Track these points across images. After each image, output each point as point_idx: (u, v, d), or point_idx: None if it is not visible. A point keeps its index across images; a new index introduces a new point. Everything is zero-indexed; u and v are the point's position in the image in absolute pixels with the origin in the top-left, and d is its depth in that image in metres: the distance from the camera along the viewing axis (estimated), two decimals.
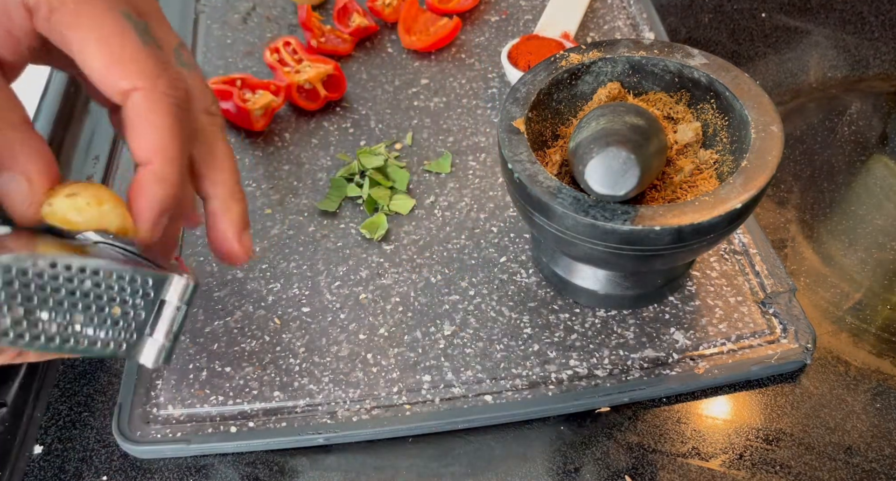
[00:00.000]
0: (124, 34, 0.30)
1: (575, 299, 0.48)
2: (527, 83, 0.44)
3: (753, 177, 0.38)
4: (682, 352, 0.45)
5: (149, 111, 0.30)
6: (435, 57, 0.65)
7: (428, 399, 0.44)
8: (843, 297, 0.48)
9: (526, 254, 0.50)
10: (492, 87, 0.62)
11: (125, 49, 0.30)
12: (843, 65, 0.64)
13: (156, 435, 0.43)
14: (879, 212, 0.53)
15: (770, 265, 0.49)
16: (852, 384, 0.44)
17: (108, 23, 0.30)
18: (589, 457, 0.42)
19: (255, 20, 0.70)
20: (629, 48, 0.46)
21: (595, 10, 0.69)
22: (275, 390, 0.44)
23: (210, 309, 0.49)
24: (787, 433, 0.42)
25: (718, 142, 0.44)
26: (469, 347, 0.46)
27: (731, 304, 0.47)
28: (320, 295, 0.49)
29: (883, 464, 0.41)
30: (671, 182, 0.43)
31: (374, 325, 0.47)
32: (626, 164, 0.36)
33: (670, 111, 0.46)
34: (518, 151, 0.41)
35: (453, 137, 0.59)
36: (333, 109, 0.62)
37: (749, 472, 0.41)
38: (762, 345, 0.45)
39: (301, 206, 0.54)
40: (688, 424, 0.43)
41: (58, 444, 0.44)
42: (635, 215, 0.37)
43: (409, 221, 0.53)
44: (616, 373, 0.44)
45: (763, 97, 0.42)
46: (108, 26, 0.30)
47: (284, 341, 0.47)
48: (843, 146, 0.58)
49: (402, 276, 0.50)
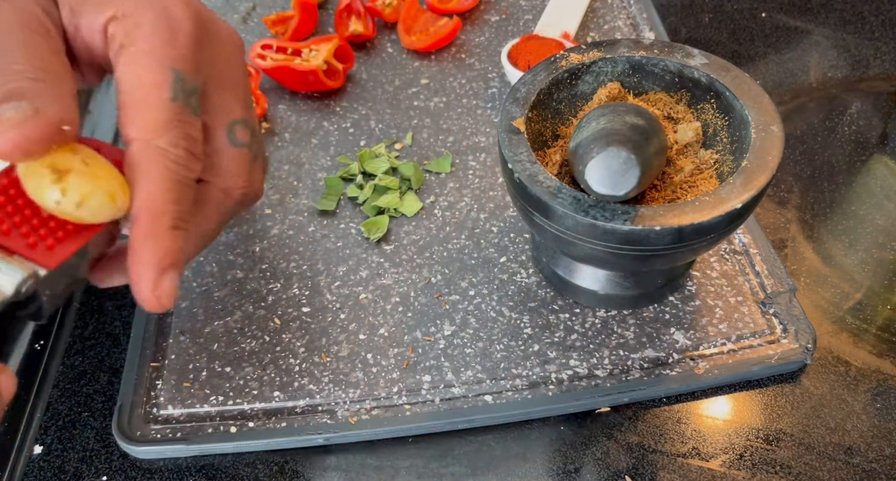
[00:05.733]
0: (158, 86, 0.30)
1: (575, 299, 0.48)
2: (527, 83, 0.44)
3: (753, 177, 0.38)
4: (682, 352, 0.45)
5: (141, 163, 0.30)
6: (435, 57, 0.65)
7: (428, 399, 0.44)
8: (844, 297, 0.48)
9: (526, 254, 0.50)
10: (492, 87, 0.62)
11: (147, 99, 0.30)
12: (843, 65, 0.64)
13: (156, 435, 0.43)
14: (880, 211, 0.53)
15: (770, 265, 0.49)
16: (852, 384, 0.44)
17: (150, 72, 0.31)
18: (589, 457, 0.42)
19: (255, 20, 0.70)
20: (629, 48, 0.46)
21: (595, 10, 0.69)
22: (275, 390, 0.44)
23: (210, 309, 0.49)
24: (787, 433, 0.42)
25: (718, 142, 0.44)
26: (469, 347, 0.46)
27: (731, 304, 0.47)
28: (320, 295, 0.49)
29: (883, 465, 0.41)
30: (671, 182, 0.43)
31: (374, 325, 0.47)
32: (627, 164, 0.36)
33: (670, 111, 0.46)
34: (518, 151, 0.41)
35: (453, 137, 0.59)
36: (333, 109, 0.62)
37: (749, 472, 0.41)
38: (762, 345, 0.45)
39: (301, 206, 0.54)
40: (688, 424, 0.43)
41: (58, 444, 0.44)
42: (635, 215, 0.37)
43: (410, 221, 0.53)
44: (616, 373, 0.44)
45: (763, 97, 0.42)
46: (149, 75, 0.31)
47: (284, 341, 0.47)
48: (844, 146, 0.57)
49: (402, 276, 0.50)
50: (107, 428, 0.44)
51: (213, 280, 0.50)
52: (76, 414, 0.45)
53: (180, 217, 0.31)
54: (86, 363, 0.48)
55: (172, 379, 0.45)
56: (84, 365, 0.48)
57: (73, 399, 0.46)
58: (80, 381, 0.47)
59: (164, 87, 0.30)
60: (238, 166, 0.35)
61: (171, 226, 0.30)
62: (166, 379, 0.45)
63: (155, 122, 0.30)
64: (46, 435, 0.44)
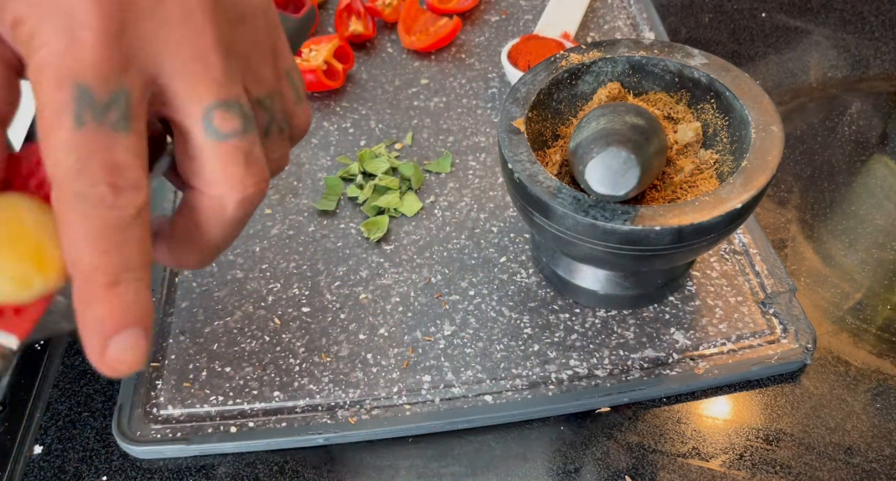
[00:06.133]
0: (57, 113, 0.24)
1: (575, 299, 0.48)
2: (527, 83, 0.44)
3: (754, 177, 0.38)
4: (682, 352, 0.45)
5: (59, 212, 0.24)
6: (435, 57, 0.65)
7: (428, 399, 0.44)
8: (844, 297, 0.48)
9: (526, 254, 0.50)
10: (492, 87, 0.62)
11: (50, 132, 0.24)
12: (843, 65, 0.64)
13: (156, 435, 0.43)
14: (880, 211, 0.53)
15: (770, 265, 0.49)
16: (852, 384, 0.44)
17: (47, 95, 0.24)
18: (589, 457, 0.42)
19: None
20: (629, 48, 0.46)
21: (595, 10, 0.69)
22: (275, 390, 0.44)
23: (210, 309, 0.49)
24: (787, 433, 0.42)
25: (718, 142, 0.44)
26: (469, 347, 0.46)
27: (731, 304, 0.47)
28: (320, 295, 0.49)
29: (883, 464, 0.41)
30: (671, 182, 0.43)
31: (374, 325, 0.47)
32: (627, 164, 0.36)
33: (670, 111, 0.46)
34: (518, 151, 0.41)
35: (453, 137, 0.59)
36: (333, 109, 0.62)
37: (749, 472, 0.41)
38: (762, 345, 0.45)
39: (301, 206, 0.54)
40: (688, 424, 0.43)
41: (57, 444, 0.44)
42: (635, 215, 0.37)
43: (410, 221, 0.53)
44: (616, 373, 0.44)
45: (763, 97, 0.42)
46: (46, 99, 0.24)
47: (284, 341, 0.47)
48: (844, 146, 0.57)
49: (402, 276, 0.50)
50: (107, 428, 0.44)
51: (213, 280, 0.50)
52: (76, 414, 0.45)
53: (122, 268, 0.25)
54: (85, 363, 0.48)
55: (172, 379, 0.45)
56: (84, 365, 0.48)
57: (73, 399, 0.46)
58: (79, 381, 0.47)
59: (65, 113, 0.24)
60: (224, 165, 0.27)
61: (106, 283, 0.24)
62: (166, 379, 0.45)
63: (62, 161, 0.24)
64: (46, 435, 0.44)
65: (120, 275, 0.25)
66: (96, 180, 0.24)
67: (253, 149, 0.27)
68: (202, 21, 0.26)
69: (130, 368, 0.25)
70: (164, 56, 0.26)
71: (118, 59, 0.25)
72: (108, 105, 0.25)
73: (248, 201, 0.28)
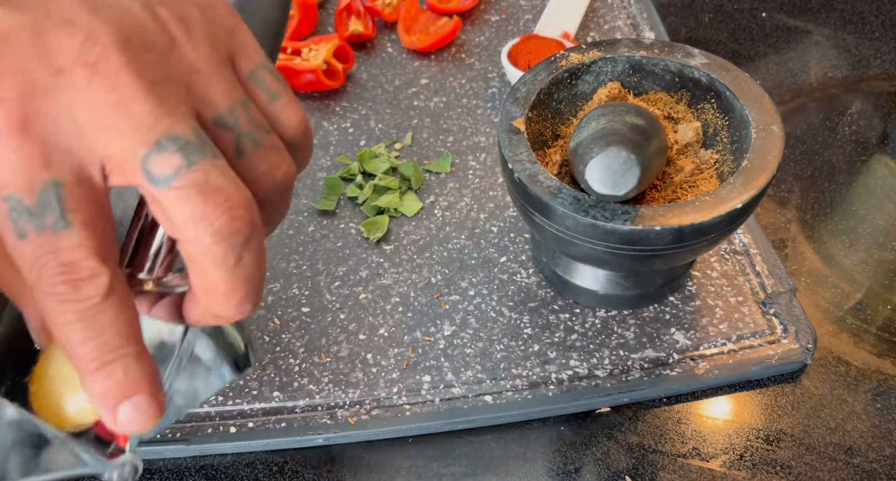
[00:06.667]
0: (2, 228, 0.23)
1: (575, 299, 0.48)
2: (527, 83, 0.44)
3: (754, 177, 0.38)
4: (682, 353, 0.45)
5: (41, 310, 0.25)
6: (435, 57, 0.65)
7: (428, 399, 0.44)
8: (844, 297, 0.48)
9: (526, 254, 0.50)
10: (492, 87, 0.62)
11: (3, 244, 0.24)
12: (843, 65, 0.64)
13: (155, 436, 0.43)
14: (880, 211, 0.53)
15: (770, 265, 0.48)
16: (853, 384, 0.44)
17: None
18: (589, 458, 0.42)
19: None
20: (629, 48, 0.46)
21: (595, 9, 0.69)
22: (274, 390, 0.44)
23: None
24: (787, 433, 0.42)
25: (719, 142, 0.44)
26: (469, 347, 0.46)
27: (731, 304, 0.47)
28: (320, 295, 0.49)
29: (883, 465, 0.41)
30: (671, 182, 0.43)
31: (374, 325, 0.47)
32: (627, 164, 0.36)
33: (671, 111, 0.46)
34: (518, 151, 0.41)
35: (453, 137, 0.58)
36: (333, 109, 0.62)
37: (749, 473, 0.41)
38: (763, 345, 0.45)
39: (301, 206, 0.54)
40: (688, 424, 0.43)
41: None
42: (635, 215, 0.37)
43: (410, 221, 0.53)
44: (616, 374, 0.44)
45: (763, 97, 0.42)
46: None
47: (284, 341, 0.47)
48: (844, 146, 0.57)
49: (402, 276, 0.50)
50: None
51: None
52: None
53: (103, 351, 0.25)
54: None
55: None
56: None
57: None
58: None
59: (5, 227, 0.23)
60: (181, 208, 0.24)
61: (95, 367, 0.25)
62: None
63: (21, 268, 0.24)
64: None
65: (104, 357, 0.25)
66: (53, 281, 0.24)
67: (208, 179, 0.24)
68: (113, 71, 0.23)
69: (145, 428, 0.25)
70: (83, 127, 0.23)
71: (36, 155, 0.23)
72: (42, 207, 0.23)
73: (226, 233, 0.25)
